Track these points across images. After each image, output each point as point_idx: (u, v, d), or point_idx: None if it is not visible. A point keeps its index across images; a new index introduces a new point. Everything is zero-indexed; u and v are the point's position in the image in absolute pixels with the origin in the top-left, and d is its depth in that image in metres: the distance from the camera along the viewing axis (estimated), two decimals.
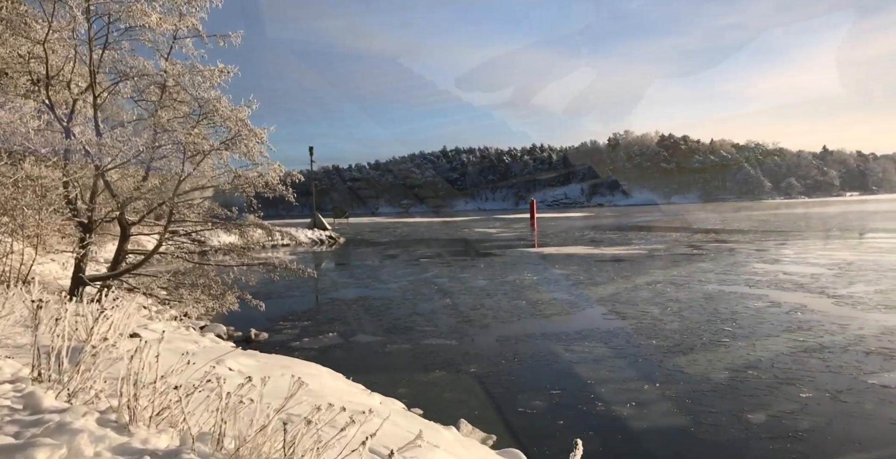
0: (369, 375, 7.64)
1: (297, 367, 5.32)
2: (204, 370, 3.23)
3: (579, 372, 7.57)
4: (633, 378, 7.16)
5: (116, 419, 2.48)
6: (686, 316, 10.60)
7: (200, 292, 9.28)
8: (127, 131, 9.21)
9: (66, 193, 8.63)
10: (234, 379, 4.21)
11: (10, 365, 3.17)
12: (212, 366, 3.32)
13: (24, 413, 2.42)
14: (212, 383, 2.51)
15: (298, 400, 2.47)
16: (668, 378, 7.08)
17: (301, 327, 12.23)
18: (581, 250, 25.98)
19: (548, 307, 12.49)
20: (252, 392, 2.46)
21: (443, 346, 9.58)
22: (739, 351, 8.04)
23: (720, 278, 15.09)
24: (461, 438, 4.58)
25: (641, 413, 5.97)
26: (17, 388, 2.74)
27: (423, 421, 4.84)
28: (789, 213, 58.41)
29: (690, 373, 7.20)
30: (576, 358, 8.26)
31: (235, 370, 4.44)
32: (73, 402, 2.62)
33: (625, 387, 6.80)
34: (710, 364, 7.53)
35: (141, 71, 9.45)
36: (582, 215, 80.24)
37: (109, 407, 2.60)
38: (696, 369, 7.36)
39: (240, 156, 10.23)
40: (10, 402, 2.53)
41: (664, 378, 7.09)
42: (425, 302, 14.20)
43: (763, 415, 5.80)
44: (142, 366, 2.53)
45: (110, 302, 3.47)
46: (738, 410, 5.97)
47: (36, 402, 2.47)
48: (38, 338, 2.80)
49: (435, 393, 7.06)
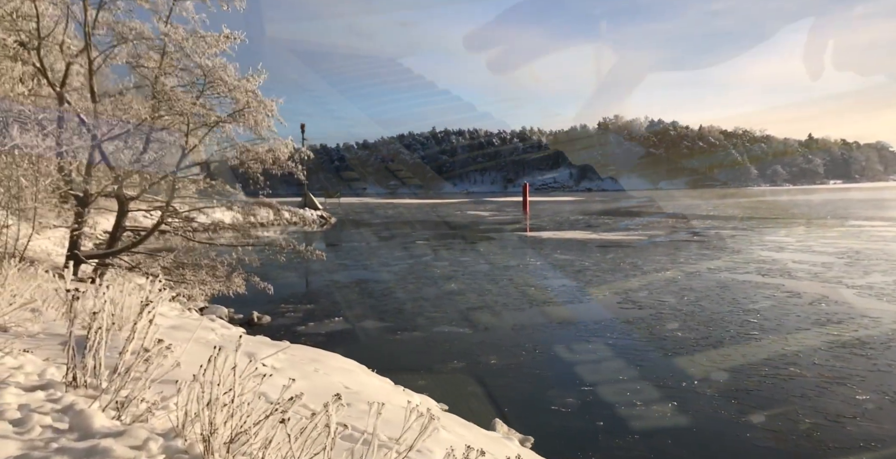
0: (384, 364, 7.27)
1: (326, 361, 4.93)
2: (249, 373, 2.82)
3: (608, 365, 7.30)
4: (666, 374, 6.90)
5: (186, 448, 2.06)
6: (705, 306, 10.40)
7: (205, 273, 8.75)
8: (126, 99, 8.52)
9: (59, 164, 7.98)
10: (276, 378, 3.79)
11: (32, 362, 2.69)
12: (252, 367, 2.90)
13: (72, 436, 1.98)
14: (285, 404, 2.10)
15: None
16: (704, 374, 6.83)
17: (304, 310, 11.82)
18: (579, 235, 25.78)
19: (558, 294, 12.22)
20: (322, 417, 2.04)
21: (455, 335, 9.27)
22: (772, 345, 7.82)
23: (729, 266, 14.98)
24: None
25: (686, 415, 5.68)
26: (51, 396, 2.28)
27: (486, 433, 4.50)
28: (779, 200, 59.04)
29: (727, 369, 6.94)
30: (600, 349, 7.99)
31: (269, 365, 4.03)
32: (123, 418, 2.18)
33: (661, 384, 6.54)
34: (745, 359, 7.29)
35: (140, 34, 8.71)
36: (571, 199, 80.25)
37: (172, 430, 2.17)
38: (732, 364, 7.12)
39: (245, 129, 9.61)
40: (52, 420, 2.07)
41: (700, 373, 6.84)
42: (429, 287, 13.85)
43: (822, 419, 5.47)
44: (215, 379, 2.09)
45: (148, 290, 3.00)
46: (791, 413, 5.64)
47: (85, 422, 2.02)
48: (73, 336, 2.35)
49: (457, 387, 6.74)
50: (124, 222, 8.91)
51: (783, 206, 47.02)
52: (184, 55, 8.94)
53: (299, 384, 3.68)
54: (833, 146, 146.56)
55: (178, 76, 9.20)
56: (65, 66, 8.65)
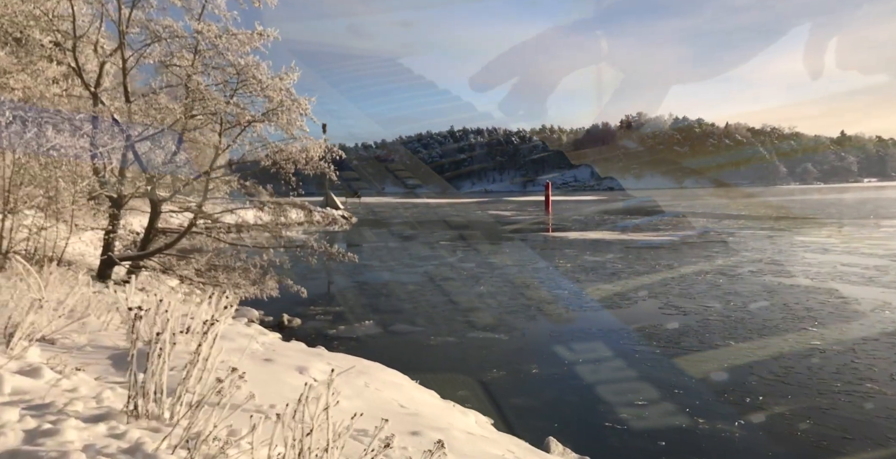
0: (423, 373, 6.99)
1: (373, 373, 4.66)
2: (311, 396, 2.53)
3: (659, 377, 6.87)
4: (727, 388, 6.43)
5: None
6: (755, 312, 9.85)
7: (237, 275, 8.59)
8: (160, 98, 8.39)
9: (94, 165, 7.88)
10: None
11: (86, 383, 2.45)
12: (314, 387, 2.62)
13: None
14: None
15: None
16: (768, 389, 6.31)
17: (333, 313, 11.63)
18: (607, 235, 25.17)
19: (595, 298, 11.78)
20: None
21: (492, 341, 8.93)
22: (841, 357, 7.25)
23: (772, 269, 14.29)
24: None
25: (764, 441, 5.21)
26: (113, 431, 2.02)
27: (539, 454, 4.17)
28: (812, 199, 57.05)
29: (797, 386, 6.40)
30: (648, 359, 7.56)
31: (318, 379, 3.77)
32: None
33: (724, 399, 6.09)
34: (814, 374, 6.74)
35: (174, 32, 8.57)
36: (594, 199, 79.05)
37: None
38: (800, 379, 6.58)
39: (275, 128, 9.42)
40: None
41: (764, 388, 6.33)
42: (458, 290, 13.54)
43: None
44: (306, 420, 1.80)
45: (213, 305, 2.74)
46: (882, 439, 5.03)
47: None
48: (135, 359, 2.09)
49: (501, 399, 6.40)
50: (157, 223, 8.79)
51: (818, 205, 45.40)
52: (217, 53, 8.78)
53: (355, 403, 3.40)
54: (867, 143, 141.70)
55: (211, 75, 9.05)
56: (99, 66, 8.56)
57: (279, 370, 3.49)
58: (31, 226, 5.67)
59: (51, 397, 2.16)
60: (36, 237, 5.67)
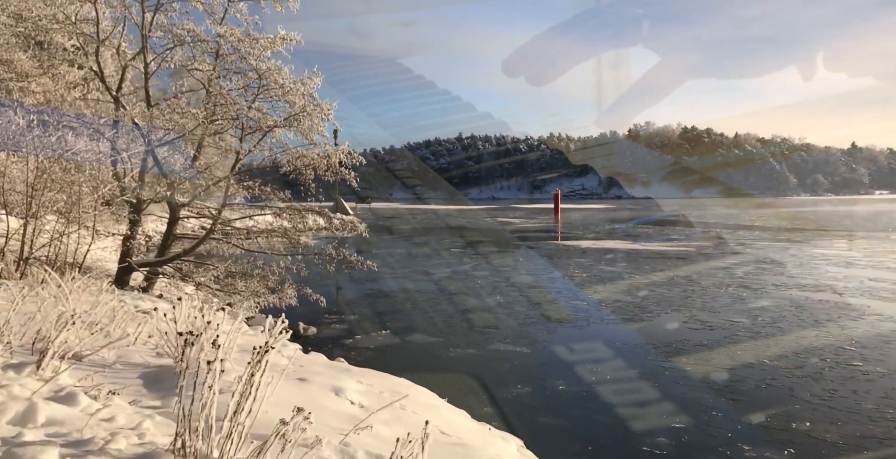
0: (447, 388, 6.77)
1: (406, 392, 4.43)
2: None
3: (693, 398, 6.57)
4: (770, 412, 6.09)
5: None
6: (785, 328, 9.53)
7: (256, 283, 8.41)
8: (180, 102, 8.29)
9: (114, 171, 7.76)
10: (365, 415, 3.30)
11: (123, 410, 2.24)
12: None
13: None
14: None
15: None
16: (814, 415, 5.95)
17: (348, 322, 11.44)
18: (620, 245, 24.87)
19: (614, 310, 11.49)
20: None
21: (514, 354, 8.69)
22: (888, 381, 6.88)
23: (797, 282, 13.94)
24: None
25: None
26: None
27: None
28: (826, 211, 56.32)
29: (844, 411, 6.03)
30: (679, 378, 7.26)
31: (357, 403, 3.56)
32: None
33: (769, 423, 5.79)
34: (860, 398, 6.38)
35: (197, 36, 8.47)
36: (602, 207, 78.61)
37: None
38: (847, 404, 6.22)
39: (295, 133, 9.30)
40: None
41: (809, 414, 5.97)
42: (474, 299, 13.32)
43: None
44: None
45: (268, 331, 2.54)
46: None
47: None
48: (183, 391, 1.89)
49: (531, 419, 6.14)
50: (175, 229, 8.65)
51: (832, 217, 44.80)
52: (239, 57, 8.68)
53: (396, 430, 3.18)
54: (879, 155, 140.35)
55: (232, 80, 8.95)
56: (121, 70, 8.48)
57: (315, 392, 3.30)
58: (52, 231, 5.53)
59: (89, 430, 1.97)
60: (57, 243, 5.53)
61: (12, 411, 1.82)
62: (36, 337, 2.79)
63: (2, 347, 2.59)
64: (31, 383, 2.24)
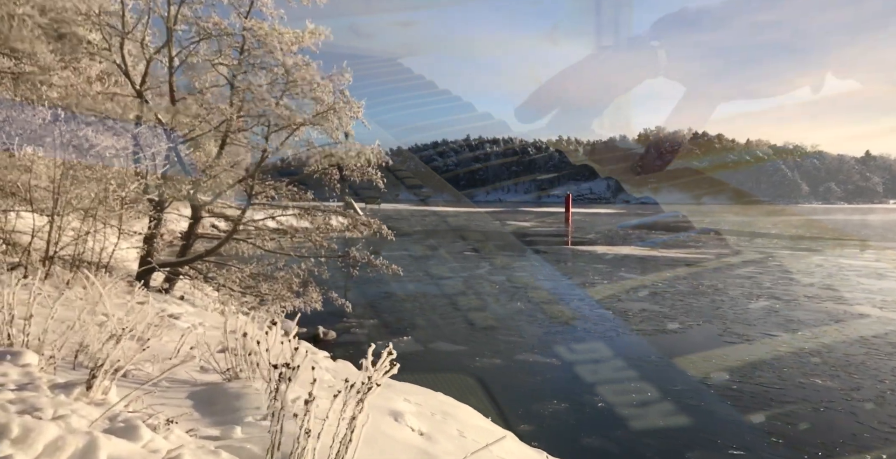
0: (479, 400, 6.47)
1: (456, 414, 4.12)
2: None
3: (741, 418, 6.21)
4: (831, 434, 5.74)
5: None
6: (829, 344, 9.08)
7: (280, 285, 8.12)
8: (206, 98, 8.02)
9: (136, 168, 7.50)
10: (428, 445, 2.97)
11: (185, 444, 1.88)
12: None
13: None
14: None
15: None
16: (877, 437, 5.62)
17: (368, 326, 11.17)
18: (637, 251, 24.45)
19: (642, 321, 11.09)
20: None
21: (542, 365, 8.36)
22: None
23: (830, 294, 13.48)
24: None
25: None
26: None
27: None
28: (840, 220, 55.46)
29: None
30: (725, 395, 6.88)
31: (416, 430, 3.25)
32: None
33: (831, 447, 5.41)
34: None
35: (223, 30, 8.21)
36: (611, 212, 77.98)
37: None
38: None
39: (319, 132, 9.00)
40: None
41: (873, 438, 5.62)
42: (494, 305, 13.01)
43: None
44: None
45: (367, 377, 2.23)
46: None
47: None
48: (279, 435, 1.58)
49: (572, 440, 5.79)
50: (197, 229, 8.38)
51: (849, 226, 44.10)
52: (266, 52, 8.40)
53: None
54: (894, 164, 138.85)
55: (258, 75, 8.68)
56: (145, 64, 8.23)
57: (375, 416, 2.99)
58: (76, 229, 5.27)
59: None
60: (81, 241, 5.26)
61: (71, 448, 1.53)
62: (78, 349, 2.50)
63: (45, 361, 2.32)
64: (83, 408, 1.95)
